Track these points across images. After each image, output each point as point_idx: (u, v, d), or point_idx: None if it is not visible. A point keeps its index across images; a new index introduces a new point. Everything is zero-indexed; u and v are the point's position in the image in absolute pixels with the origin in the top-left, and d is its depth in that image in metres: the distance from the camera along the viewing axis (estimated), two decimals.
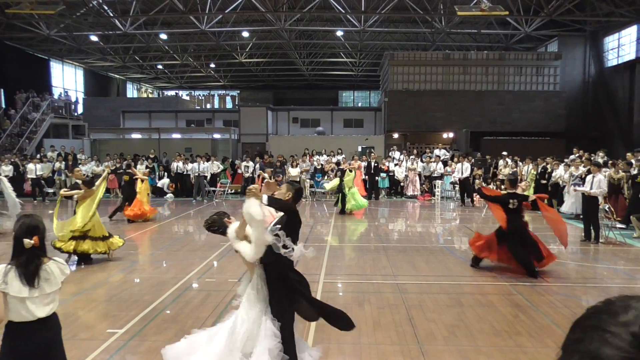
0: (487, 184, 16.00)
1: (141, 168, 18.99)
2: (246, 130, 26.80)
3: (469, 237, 9.48)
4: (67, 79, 33.73)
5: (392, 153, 21.75)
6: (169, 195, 19.05)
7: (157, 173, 19.49)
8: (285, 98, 41.99)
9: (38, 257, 3.20)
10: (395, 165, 19.60)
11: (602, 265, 8.80)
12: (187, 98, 40.69)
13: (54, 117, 26.11)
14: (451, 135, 25.42)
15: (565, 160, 15.98)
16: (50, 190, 18.64)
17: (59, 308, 3.34)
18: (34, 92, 26.46)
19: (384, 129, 26.12)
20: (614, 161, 14.38)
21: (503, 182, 8.52)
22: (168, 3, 22.27)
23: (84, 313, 6.05)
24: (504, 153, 19.40)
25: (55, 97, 28.72)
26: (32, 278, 3.11)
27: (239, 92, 44.28)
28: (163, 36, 27.74)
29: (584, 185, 10.79)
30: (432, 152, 21.24)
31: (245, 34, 27.72)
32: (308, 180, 18.72)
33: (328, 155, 20.88)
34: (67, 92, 31.47)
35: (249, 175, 18.98)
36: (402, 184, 19.37)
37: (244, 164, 19.54)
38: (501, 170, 17.84)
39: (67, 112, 27.94)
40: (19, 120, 25.12)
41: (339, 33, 27.64)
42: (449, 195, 18.89)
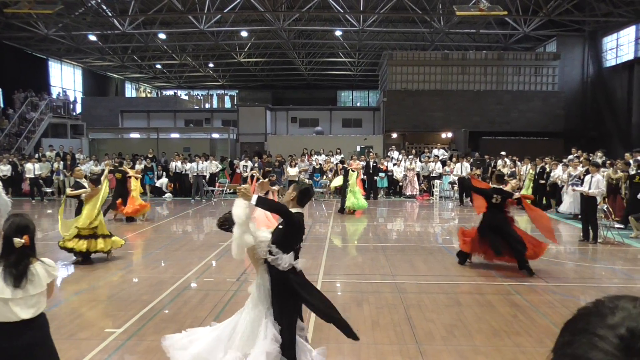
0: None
1: (139, 168, 18.98)
2: (245, 130, 26.78)
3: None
4: (65, 79, 33.68)
5: (390, 153, 21.75)
6: (168, 194, 19.04)
7: (156, 173, 19.46)
8: (284, 98, 42.00)
9: (28, 256, 3.16)
10: (394, 165, 19.59)
11: (601, 265, 8.82)
12: (186, 98, 40.65)
13: (52, 117, 26.07)
14: (450, 135, 25.43)
15: (564, 160, 15.99)
16: (49, 190, 18.59)
17: (57, 308, 3.33)
18: (32, 91, 26.42)
19: (383, 128, 26.13)
20: (612, 161, 14.40)
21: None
22: (167, 3, 22.26)
23: (82, 312, 6.02)
24: (503, 153, 19.43)
25: (54, 96, 28.70)
26: (20, 278, 3.07)
27: (237, 91, 44.29)
28: (162, 36, 27.74)
29: (582, 185, 10.80)
30: (430, 152, 21.25)
31: (244, 34, 27.71)
32: (307, 180, 18.71)
33: (327, 155, 20.88)
34: (65, 91, 31.44)
35: (248, 174, 18.97)
36: (400, 183, 19.37)
37: (243, 163, 19.54)
38: (499, 170, 17.84)
39: (65, 112, 27.92)
40: (17, 120, 25.09)
41: (338, 33, 27.64)
42: (447, 195, 18.90)
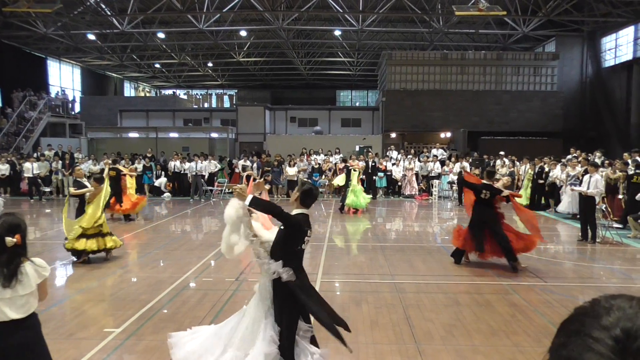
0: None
1: (138, 167, 18.97)
2: (244, 130, 26.76)
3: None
4: (64, 78, 33.63)
5: (389, 152, 21.77)
6: (166, 194, 19.03)
7: (155, 172, 19.44)
8: (283, 97, 41.99)
9: (19, 256, 3.13)
10: (393, 164, 19.60)
11: (599, 265, 8.83)
12: (185, 97, 40.59)
13: (51, 116, 26.04)
14: (449, 134, 25.44)
15: (563, 160, 16.01)
16: (47, 190, 18.56)
17: (56, 307, 3.31)
18: (31, 90, 26.38)
19: (382, 128, 26.13)
20: (610, 161, 14.42)
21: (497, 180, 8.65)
22: (166, 2, 22.24)
23: (81, 312, 6.02)
24: (502, 153, 19.46)
25: (53, 95, 28.65)
26: (10, 278, 3.05)
27: (236, 91, 44.26)
28: (161, 35, 27.71)
29: (581, 185, 10.82)
30: (429, 152, 21.26)
31: (243, 33, 27.68)
32: (305, 179, 18.71)
33: (326, 155, 20.88)
34: (64, 90, 31.41)
35: (244, 174, 18.99)
36: (399, 183, 19.39)
37: (242, 162, 19.53)
38: (498, 170, 17.86)
39: (64, 111, 27.89)
40: (15, 119, 25.06)
41: (337, 32, 27.63)
42: (446, 195, 18.92)
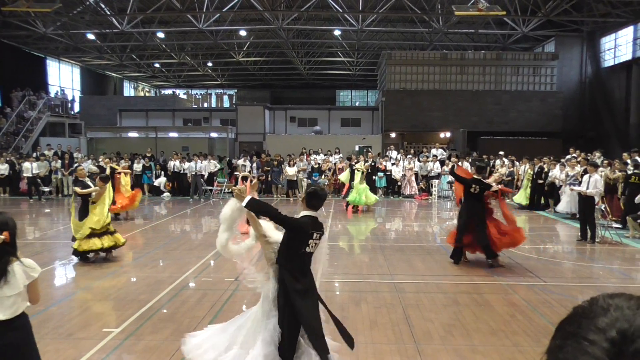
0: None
1: (138, 167, 18.98)
2: (243, 129, 26.76)
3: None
4: (63, 77, 33.60)
5: (389, 152, 21.77)
6: (166, 194, 19.02)
7: (154, 172, 19.44)
8: (283, 97, 41.98)
9: (8, 254, 3.10)
10: (393, 164, 19.60)
11: (598, 265, 8.83)
12: (184, 97, 40.57)
13: (50, 116, 26.00)
14: (448, 134, 25.45)
15: (562, 160, 16.02)
16: (47, 189, 18.54)
17: (55, 307, 3.30)
18: (30, 90, 26.35)
19: (382, 128, 26.14)
20: (610, 161, 14.42)
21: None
22: (165, 1, 22.23)
23: (80, 312, 6.01)
24: (501, 153, 19.46)
25: (52, 95, 28.62)
26: None
27: (236, 91, 44.24)
28: (160, 34, 27.69)
29: (580, 185, 10.82)
30: (429, 152, 21.26)
31: (243, 33, 27.67)
32: (305, 180, 18.72)
33: (325, 155, 20.88)
34: (63, 90, 31.36)
35: (240, 175, 18.98)
36: (399, 183, 19.39)
37: (241, 162, 19.51)
38: (498, 169, 17.86)
39: (63, 111, 27.85)
40: (15, 119, 25.02)
41: (337, 32, 27.62)
42: (445, 195, 18.92)
